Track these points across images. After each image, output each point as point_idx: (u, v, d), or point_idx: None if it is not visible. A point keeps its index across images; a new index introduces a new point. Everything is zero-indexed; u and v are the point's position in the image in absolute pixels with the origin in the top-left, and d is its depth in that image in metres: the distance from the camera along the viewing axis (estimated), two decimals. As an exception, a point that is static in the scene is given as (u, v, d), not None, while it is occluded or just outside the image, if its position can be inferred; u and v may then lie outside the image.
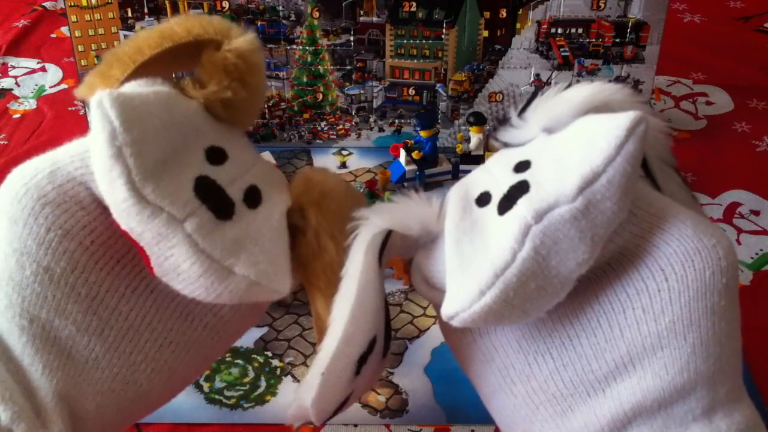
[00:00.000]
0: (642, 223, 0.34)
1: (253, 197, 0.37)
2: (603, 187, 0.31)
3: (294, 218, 0.38)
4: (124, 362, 0.36)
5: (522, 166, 0.35)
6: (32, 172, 0.35)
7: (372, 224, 0.37)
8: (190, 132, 0.36)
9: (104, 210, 0.35)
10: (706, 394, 0.33)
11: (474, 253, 0.34)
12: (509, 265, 0.32)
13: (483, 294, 0.33)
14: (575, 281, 0.33)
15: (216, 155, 0.37)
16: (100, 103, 0.32)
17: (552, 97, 0.37)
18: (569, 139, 0.34)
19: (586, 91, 0.36)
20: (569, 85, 0.37)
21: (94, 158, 0.33)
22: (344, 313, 0.35)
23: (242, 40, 0.38)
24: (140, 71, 0.37)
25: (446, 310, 0.34)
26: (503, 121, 0.39)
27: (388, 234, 0.37)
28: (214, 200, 0.35)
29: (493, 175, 0.37)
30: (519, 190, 0.33)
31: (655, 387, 0.33)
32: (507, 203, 0.34)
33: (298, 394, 0.37)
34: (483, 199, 0.36)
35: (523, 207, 0.32)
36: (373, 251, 0.36)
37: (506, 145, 0.39)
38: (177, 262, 0.34)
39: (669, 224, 0.34)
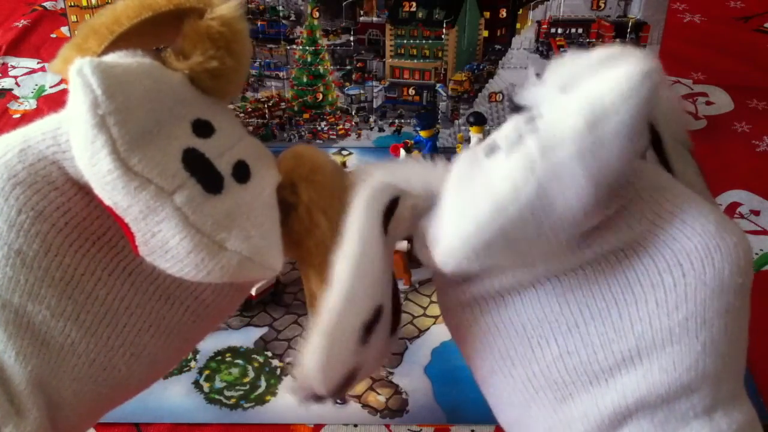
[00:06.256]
0: (662, 213, 0.33)
1: (241, 172, 0.35)
2: (613, 127, 0.30)
3: (284, 194, 0.37)
4: (101, 348, 0.35)
5: (534, 118, 0.34)
6: (1, 151, 0.34)
7: (373, 180, 0.36)
8: (175, 103, 0.34)
9: (78, 190, 0.34)
10: (710, 392, 0.33)
11: (475, 193, 0.32)
12: (511, 199, 0.31)
13: (481, 228, 0.31)
14: (577, 230, 0.32)
15: (202, 128, 0.35)
16: (80, 71, 0.31)
17: (571, 58, 0.35)
18: (581, 85, 0.33)
19: (605, 50, 0.34)
20: (586, 50, 0.35)
21: (73, 130, 0.31)
22: (346, 267, 0.34)
23: (225, 7, 0.37)
24: (118, 43, 0.36)
25: (440, 249, 0.33)
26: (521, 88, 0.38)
27: (396, 202, 0.36)
28: (203, 173, 0.33)
29: (503, 132, 0.35)
30: (528, 132, 0.32)
31: (660, 382, 0.33)
32: (515, 145, 0.32)
33: (302, 362, 0.35)
34: (491, 150, 0.34)
35: (531, 144, 0.31)
36: (375, 208, 0.35)
37: (521, 109, 0.37)
38: (165, 238, 0.32)
39: (691, 218, 0.33)
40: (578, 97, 0.32)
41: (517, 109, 0.38)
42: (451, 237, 0.33)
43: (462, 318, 0.39)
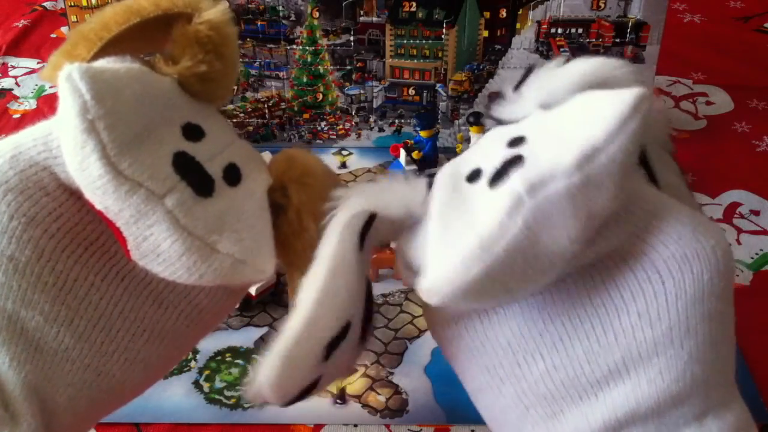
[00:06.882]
0: (639, 222, 0.33)
1: (232, 175, 0.36)
2: (603, 164, 0.30)
3: (275, 196, 0.37)
4: (95, 353, 0.35)
5: (517, 141, 0.33)
6: None
7: (350, 204, 0.35)
8: (165, 107, 0.35)
9: (70, 196, 0.34)
10: (700, 400, 0.33)
11: (460, 227, 0.32)
12: (498, 238, 0.30)
13: (467, 267, 0.31)
14: (565, 265, 0.32)
15: (193, 132, 0.35)
16: (69, 77, 0.31)
17: (549, 72, 0.35)
18: (568, 113, 0.32)
19: (586, 65, 0.34)
20: (567, 61, 0.35)
21: (63, 136, 0.32)
22: (311, 294, 0.34)
23: (214, 11, 0.37)
24: (107, 49, 0.36)
25: (425, 284, 0.32)
26: (496, 96, 0.37)
27: (373, 217, 0.35)
28: (193, 176, 0.34)
29: (485, 151, 0.35)
30: (513, 164, 0.31)
31: (650, 394, 0.32)
32: (499, 177, 0.32)
33: (257, 373, 0.35)
34: (474, 176, 0.34)
35: (517, 180, 0.30)
36: (350, 232, 0.35)
37: (500, 122, 0.37)
38: (157, 242, 0.32)
39: (667, 224, 0.33)
40: (566, 133, 0.31)
41: (497, 122, 0.37)
42: (437, 273, 0.32)
43: (448, 334, 0.38)
